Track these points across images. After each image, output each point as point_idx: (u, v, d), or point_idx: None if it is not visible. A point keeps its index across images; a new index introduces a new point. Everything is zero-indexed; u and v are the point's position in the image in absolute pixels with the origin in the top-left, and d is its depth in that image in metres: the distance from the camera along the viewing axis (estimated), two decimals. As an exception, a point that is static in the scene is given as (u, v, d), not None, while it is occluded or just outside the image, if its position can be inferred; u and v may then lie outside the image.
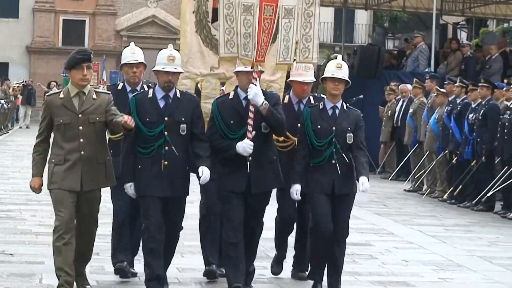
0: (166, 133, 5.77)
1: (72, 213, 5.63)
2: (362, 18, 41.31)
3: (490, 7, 23.40)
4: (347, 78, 6.23)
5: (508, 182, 11.53)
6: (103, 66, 33.42)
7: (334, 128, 6.06)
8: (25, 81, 34.40)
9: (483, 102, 12.25)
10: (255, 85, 5.93)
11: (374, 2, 24.56)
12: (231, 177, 5.98)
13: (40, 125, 5.86)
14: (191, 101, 6.10)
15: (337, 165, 5.98)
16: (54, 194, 5.67)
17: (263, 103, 5.85)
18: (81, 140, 5.57)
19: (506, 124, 11.57)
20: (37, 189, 5.82)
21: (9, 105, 28.74)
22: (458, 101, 13.16)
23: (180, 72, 6.13)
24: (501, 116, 11.77)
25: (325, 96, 6.47)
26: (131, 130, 5.56)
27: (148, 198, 5.84)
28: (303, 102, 6.55)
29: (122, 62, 6.84)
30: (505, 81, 13.91)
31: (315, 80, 7.12)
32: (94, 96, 5.73)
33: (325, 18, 35.38)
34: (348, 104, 6.44)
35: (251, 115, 5.90)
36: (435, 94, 14.37)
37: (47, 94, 6.19)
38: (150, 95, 5.96)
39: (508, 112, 11.69)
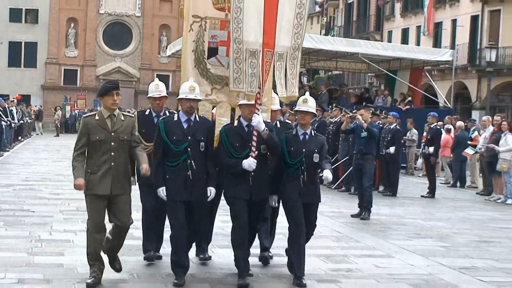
0: (189, 149, 6.88)
1: (103, 214, 6.76)
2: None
3: (320, 62, 33.04)
4: (312, 111, 7.46)
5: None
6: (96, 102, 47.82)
7: (304, 150, 7.24)
8: (40, 106, 51.94)
9: (317, 119, 17.55)
10: (258, 114, 7.04)
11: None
12: (237, 186, 7.08)
13: (79, 141, 6.77)
14: (207, 124, 7.24)
15: (305, 179, 7.20)
16: (89, 198, 6.71)
17: (264, 129, 6.96)
18: (112, 153, 6.65)
19: (330, 132, 17.73)
20: (81, 187, 6.65)
21: (30, 121, 41.92)
22: (316, 119, 17.83)
23: (199, 100, 7.20)
24: (327, 128, 18.11)
25: (289, 121, 8.19)
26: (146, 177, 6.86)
27: (174, 202, 6.94)
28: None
29: (149, 95, 7.99)
30: (330, 107, 21.87)
31: (280, 108, 8.66)
32: (122, 118, 6.78)
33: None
34: (315, 131, 7.70)
35: (254, 138, 6.97)
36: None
37: (84, 116, 7.19)
38: (175, 118, 7.05)
39: (331, 125, 18.12)
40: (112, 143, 6.66)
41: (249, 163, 6.88)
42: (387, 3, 48.39)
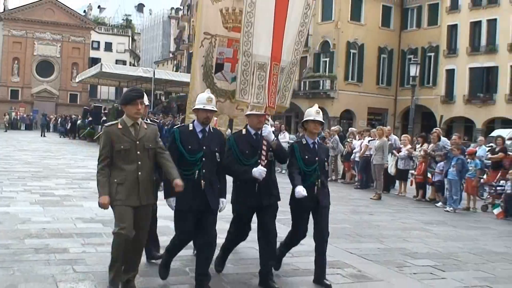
0: (204, 159, 6.50)
1: (131, 224, 6.07)
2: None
3: (173, 87, 40.21)
4: (323, 121, 7.27)
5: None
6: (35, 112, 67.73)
7: (317, 158, 7.12)
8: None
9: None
10: (268, 125, 6.94)
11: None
12: (245, 195, 6.86)
13: (101, 152, 6.13)
14: (220, 135, 6.93)
15: (318, 185, 7.15)
16: (118, 209, 6.07)
17: (274, 139, 6.92)
18: (139, 163, 6.11)
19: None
20: (106, 206, 6.05)
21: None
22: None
23: (215, 111, 6.81)
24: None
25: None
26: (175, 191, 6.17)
27: (184, 212, 6.49)
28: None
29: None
30: (178, 115, 28.70)
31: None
32: (145, 126, 6.28)
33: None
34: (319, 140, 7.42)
35: (264, 147, 6.82)
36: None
37: (105, 125, 6.35)
38: (190, 128, 6.64)
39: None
40: (138, 152, 6.12)
41: (260, 171, 6.64)
42: None
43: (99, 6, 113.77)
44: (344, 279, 6.21)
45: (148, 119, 7.40)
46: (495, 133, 27.92)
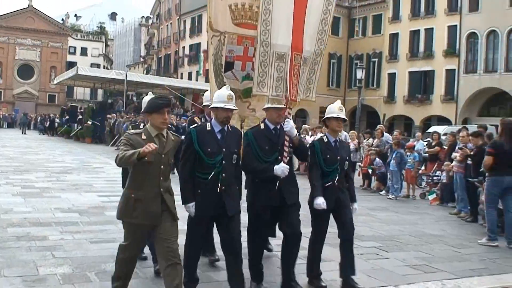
0: (223, 162, 5.44)
1: (144, 244, 5.46)
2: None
3: (143, 88, 39.72)
4: (346, 118, 6.27)
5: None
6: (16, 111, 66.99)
7: (338, 157, 6.15)
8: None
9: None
10: (290, 119, 5.97)
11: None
12: (266, 194, 5.82)
13: (124, 149, 4.85)
14: (239, 134, 5.88)
15: (339, 185, 6.16)
16: (134, 228, 5.05)
17: (296, 134, 5.97)
18: (161, 178, 5.01)
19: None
20: (154, 145, 4.66)
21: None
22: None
23: (236, 109, 5.81)
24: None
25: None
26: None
27: (202, 217, 5.49)
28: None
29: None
30: None
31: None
32: (172, 137, 5.18)
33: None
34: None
35: (286, 143, 5.86)
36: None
37: (128, 133, 5.10)
38: (208, 128, 5.56)
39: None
40: (162, 167, 5.00)
41: (282, 169, 5.70)
42: (180, 58, 66.33)
43: (75, 15, 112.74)
44: (298, 260, 6.19)
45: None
46: (431, 129, 28.39)
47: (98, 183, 15.16)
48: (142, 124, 6.48)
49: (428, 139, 20.32)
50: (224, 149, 5.54)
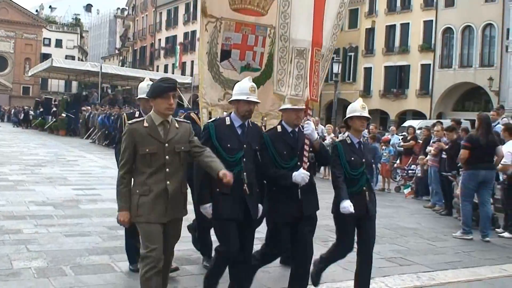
0: (244, 159, 5.03)
1: (162, 245, 4.51)
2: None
3: (119, 81, 42.74)
4: (369, 116, 5.74)
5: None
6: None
7: (363, 160, 5.59)
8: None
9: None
10: (310, 121, 5.41)
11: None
12: (285, 203, 5.24)
13: (122, 155, 4.56)
14: (259, 130, 5.45)
15: (366, 192, 5.55)
16: (142, 227, 4.53)
17: (317, 138, 5.42)
18: (167, 170, 4.50)
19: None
20: (126, 223, 4.55)
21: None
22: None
23: (259, 102, 5.31)
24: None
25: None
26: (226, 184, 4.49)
27: (227, 221, 4.96)
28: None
29: (140, 96, 6.11)
30: (124, 106, 32.69)
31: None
32: (177, 125, 4.67)
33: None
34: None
35: (306, 147, 5.30)
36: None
37: (129, 122, 4.65)
38: (228, 122, 5.13)
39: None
40: (167, 157, 4.52)
41: (302, 176, 5.12)
42: (156, 50, 66.74)
43: (50, 6, 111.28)
44: (275, 254, 6.16)
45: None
46: (406, 123, 28.61)
47: (72, 176, 15.09)
48: (137, 113, 6.13)
49: (404, 133, 20.44)
50: (245, 145, 5.10)
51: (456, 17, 40.32)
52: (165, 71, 61.62)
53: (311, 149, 5.42)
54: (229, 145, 5.05)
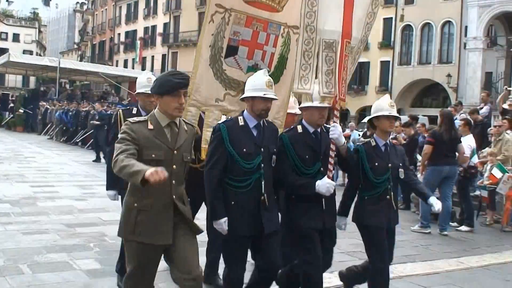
0: (262, 165, 4.33)
1: (155, 272, 3.88)
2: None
3: (77, 76, 41.18)
4: (398, 115, 5.24)
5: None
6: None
7: (390, 165, 5.00)
8: None
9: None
10: (337, 123, 4.76)
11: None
12: (308, 214, 4.63)
13: (121, 145, 3.67)
14: (275, 130, 4.69)
15: (392, 201, 4.99)
16: (137, 249, 3.75)
17: (344, 143, 4.77)
18: (173, 181, 3.78)
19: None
20: (164, 173, 3.34)
21: None
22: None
23: (276, 99, 4.61)
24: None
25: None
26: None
27: (241, 238, 4.32)
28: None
29: (139, 91, 5.53)
30: (83, 101, 33.54)
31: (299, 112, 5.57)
32: (185, 127, 3.98)
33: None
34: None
35: (332, 154, 4.69)
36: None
37: (130, 121, 3.84)
38: (241, 122, 4.41)
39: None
40: (174, 166, 3.80)
41: (328, 186, 4.53)
42: (115, 45, 66.28)
43: (7, 0, 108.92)
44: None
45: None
46: (366, 119, 28.80)
47: (30, 173, 14.84)
48: (134, 109, 5.60)
49: (363, 129, 20.65)
50: (262, 149, 4.40)
51: (415, 15, 40.88)
52: (125, 66, 61.08)
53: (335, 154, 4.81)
54: (245, 150, 4.34)
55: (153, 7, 61.39)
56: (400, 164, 5.12)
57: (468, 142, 10.34)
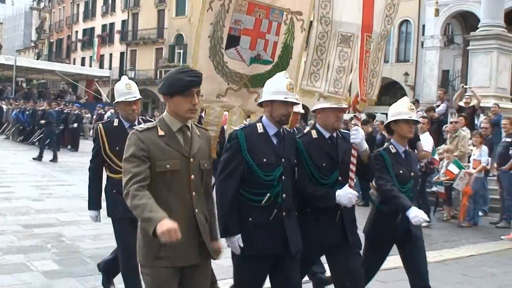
0: (283, 177, 3.90)
1: None
2: None
3: (34, 74, 42.16)
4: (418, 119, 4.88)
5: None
6: None
7: (412, 174, 4.66)
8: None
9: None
10: (359, 126, 4.29)
11: None
12: (325, 228, 4.18)
13: (133, 169, 3.20)
14: (293, 138, 4.22)
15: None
16: (155, 273, 3.26)
17: (366, 148, 4.26)
18: (194, 193, 3.35)
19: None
20: (177, 232, 2.95)
21: None
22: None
23: (298, 103, 4.27)
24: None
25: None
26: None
27: (259, 258, 3.86)
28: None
29: (118, 100, 4.93)
30: (40, 100, 34.99)
31: (302, 111, 5.71)
32: (198, 132, 3.52)
33: None
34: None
35: (353, 160, 4.19)
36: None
37: (139, 129, 3.36)
38: (260, 129, 3.96)
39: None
40: (192, 176, 3.34)
41: (349, 196, 4.04)
42: (73, 43, 65.11)
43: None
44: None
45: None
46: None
47: (-15, 173, 14.49)
48: (116, 121, 5.11)
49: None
50: (283, 160, 3.96)
51: (373, 13, 41.27)
52: (82, 64, 60.40)
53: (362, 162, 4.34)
54: (265, 160, 3.90)
55: (111, 4, 60.54)
56: (419, 173, 4.58)
57: (427, 139, 10.47)
